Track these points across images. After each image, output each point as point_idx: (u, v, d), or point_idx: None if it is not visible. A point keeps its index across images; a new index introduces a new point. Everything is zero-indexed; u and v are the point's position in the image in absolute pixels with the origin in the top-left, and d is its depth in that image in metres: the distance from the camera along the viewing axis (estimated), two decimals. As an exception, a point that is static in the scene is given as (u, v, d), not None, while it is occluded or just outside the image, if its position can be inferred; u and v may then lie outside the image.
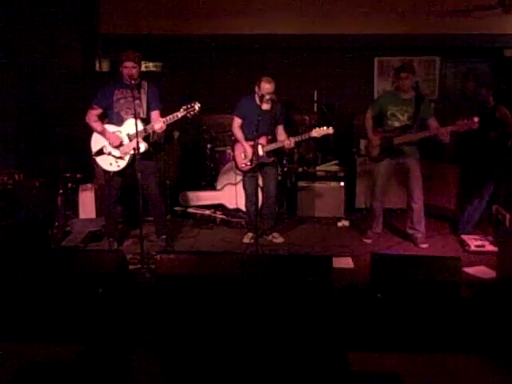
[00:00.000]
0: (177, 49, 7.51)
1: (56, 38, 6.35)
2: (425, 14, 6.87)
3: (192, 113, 4.55)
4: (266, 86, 4.97)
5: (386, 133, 5.12)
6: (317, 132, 5.06)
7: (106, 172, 4.90)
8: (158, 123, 4.61)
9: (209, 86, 7.27)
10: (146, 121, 4.71)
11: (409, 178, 5.12)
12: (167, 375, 2.46)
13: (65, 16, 6.50)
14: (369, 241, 5.38)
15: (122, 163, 4.80)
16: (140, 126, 4.47)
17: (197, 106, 4.54)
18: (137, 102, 4.65)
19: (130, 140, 4.72)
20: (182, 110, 4.56)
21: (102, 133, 4.79)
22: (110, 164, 4.84)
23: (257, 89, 5.05)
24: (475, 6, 6.74)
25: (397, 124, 5.09)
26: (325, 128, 5.06)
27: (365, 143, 5.80)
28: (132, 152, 4.65)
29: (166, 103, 4.81)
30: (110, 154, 4.81)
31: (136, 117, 4.41)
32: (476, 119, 4.66)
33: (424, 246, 5.13)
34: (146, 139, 4.73)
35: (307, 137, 5.16)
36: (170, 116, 4.60)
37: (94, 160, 4.98)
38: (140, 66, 4.80)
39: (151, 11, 7.01)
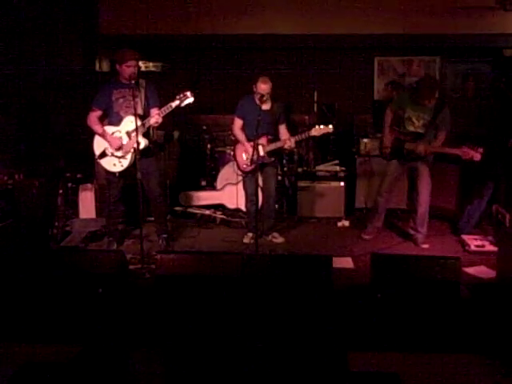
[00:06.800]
0: (177, 49, 7.52)
1: (56, 38, 6.35)
2: (425, 14, 6.87)
3: (185, 101, 4.56)
4: (263, 87, 4.97)
5: (400, 135, 5.08)
6: (317, 131, 5.04)
7: (110, 173, 4.90)
8: (153, 116, 4.63)
9: (209, 86, 7.28)
10: (144, 118, 4.71)
11: (417, 182, 5.10)
12: (167, 375, 2.46)
13: (65, 16, 6.51)
14: (368, 237, 5.38)
15: (125, 162, 4.81)
16: (138, 122, 4.48)
17: (189, 94, 4.54)
18: (136, 100, 4.65)
19: (130, 138, 4.72)
20: (175, 99, 4.57)
21: (103, 135, 4.81)
22: (114, 165, 4.84)
23: (254, 88, 5.05)
24: (475, 6, 6.74)
25: (411, 128, 5.03)
26: (324, 126, 5.05)
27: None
28: (133, 150, 4.66)
29: (165, 103, 4.80)
30: (112, 154, 4.82)
31: (136, 114, 4.43)
32: (480, 150, 4.62)
33: (424, 246, 5.13)
34: (146, 136, 4.74)
35: (307, 136, 5.13)
36: (164, 108, 4.62)
37: (97, 161, 4.98)
38: (139, 64, 4.82)
39: (151, 11, 7.02)
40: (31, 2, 6.01)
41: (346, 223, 5.97)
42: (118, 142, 4.76)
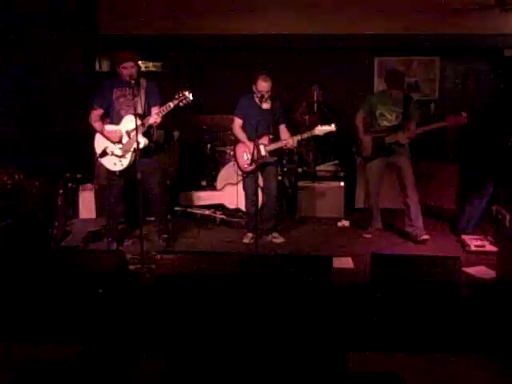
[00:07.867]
0: (177, 49, 7.51)
1: (56, 38, 6.34)
2: (425, 14, 6.87)
3: (184, 101, 4.55)
4: (263, 84, 4.97)
5: (378, 133, 5.17)
6: (319, 130, 5.06)
7: (111, 172, 4.90)
8: (152, 116, 4.62)
9: (209, 86, 7.27)
10: (144, 117, 4.71)
11: (401, 177, 5.19)
12: (167, 375, 2.46)
13: (65, 16, 6.51)
14: (369, 235, 5.44)
15: (125, 161, 4.82)
16: (137, 122, 4.48)
17: (187, 93, 4.53)
18: (136, 99, 4.65)
19: (130, 137, 4.73)
20: (174, 99, 4.57)
21: (101, 132, 4.81)
22: (114, 164, 4.85)
23: (254, 88, 5.04)
24: (475, 6, 6.74)
25: (386, 123, 5.17)
26: (327, 126, 5.07)
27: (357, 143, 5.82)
28: (133, 149, 4.66)
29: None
30: (112, 153, 4.82)
31: (136, 114, 4.43)
32: (464, 114, 4.70)
33: (425, 237, 5.12)
34: (147, 135, 4.74)
35: (310, 135, 5.15)
36: (163, 107, 4.62)
37: (97, 160, 4.98)
38: (138, 64, 4.82)
39: (151, 11, 7.02)
40: (31, 3, 6.01)
41: (346, 223, 5.97)
42: (115, 135, 4.76)
